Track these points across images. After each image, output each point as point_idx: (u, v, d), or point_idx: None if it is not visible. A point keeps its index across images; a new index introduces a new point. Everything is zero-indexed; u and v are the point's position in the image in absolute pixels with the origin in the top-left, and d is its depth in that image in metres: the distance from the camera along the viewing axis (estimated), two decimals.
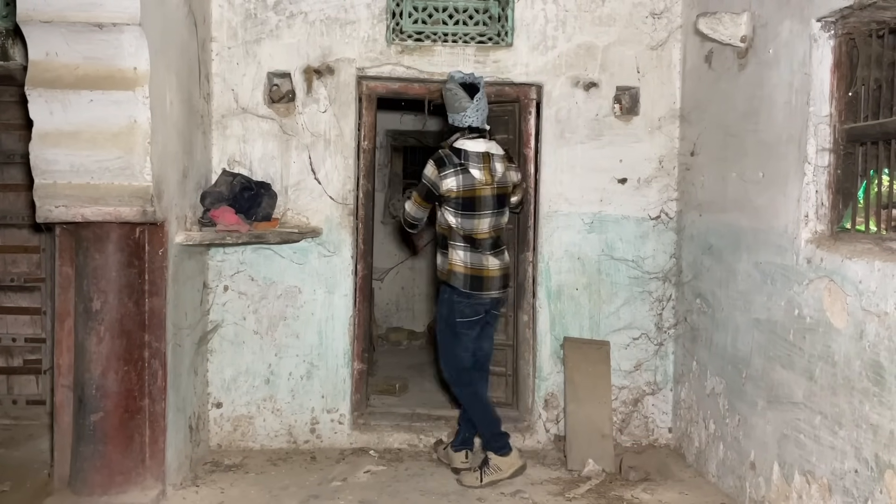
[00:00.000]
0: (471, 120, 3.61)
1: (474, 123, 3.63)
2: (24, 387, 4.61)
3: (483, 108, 3.64)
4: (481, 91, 3.62)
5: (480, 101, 3.61)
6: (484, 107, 3.64)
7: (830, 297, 2.80)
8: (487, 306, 3.76)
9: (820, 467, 2.85)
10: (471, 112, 3.60)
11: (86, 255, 3.25)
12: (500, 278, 3.74)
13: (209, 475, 3.82)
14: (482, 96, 3.62)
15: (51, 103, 3.10)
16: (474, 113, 3.60)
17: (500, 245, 3.77)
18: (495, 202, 3.67)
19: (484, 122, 3.66)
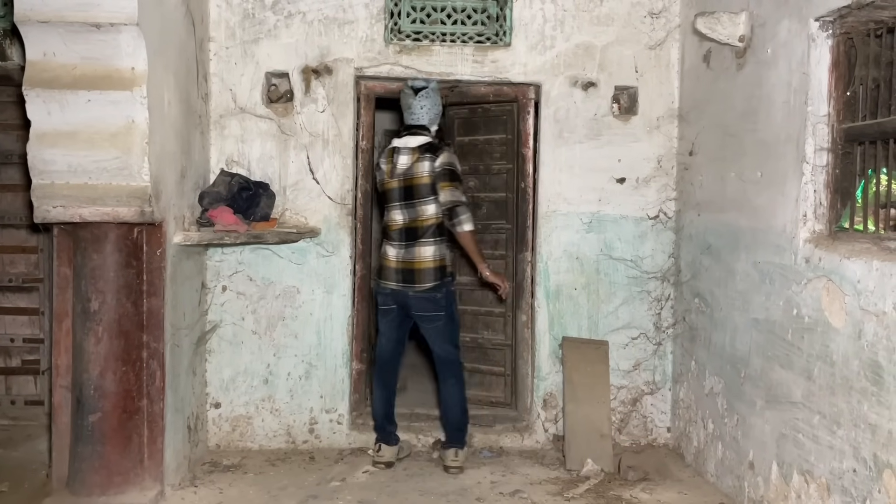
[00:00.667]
0: (409, 119, 3.83)
1: (409, 122, 3.83)
2: (23, 387, 4.61)
3: (426, 108, 3.80)
4: (423, 91, 3.79)
5: (423, 100, 3.78)
6: (428, 107, 3.80)
7: (829, 296, 2.80)
8: (394, 298, 3.86)
9: (818, 467, 2.85)
10: (413, 111, 3.81)
11: (84, 256, 3.24)
12: (400, 271, 3.80)
13: (208, 475, 3.82)
14: (424, 96, 3.79)
15: (48, 103, 3.09)
16: (416, 111, 3.80)
17: (414, 238, 3.79)
18: (401, 194, 3.79)
19: (425, 121, 3.81)
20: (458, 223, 3.70)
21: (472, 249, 3.77)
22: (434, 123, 3.86)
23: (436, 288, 3.78)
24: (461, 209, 3.70)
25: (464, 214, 3.69)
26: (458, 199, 3.71)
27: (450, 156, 3.77)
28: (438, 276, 3.77)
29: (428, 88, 3.82)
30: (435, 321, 3.84)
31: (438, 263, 3.77)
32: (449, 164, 3.74)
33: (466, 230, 3.71)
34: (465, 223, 3.70)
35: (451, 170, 3.74)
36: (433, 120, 3.84)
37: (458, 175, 3.77)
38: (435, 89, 3.85)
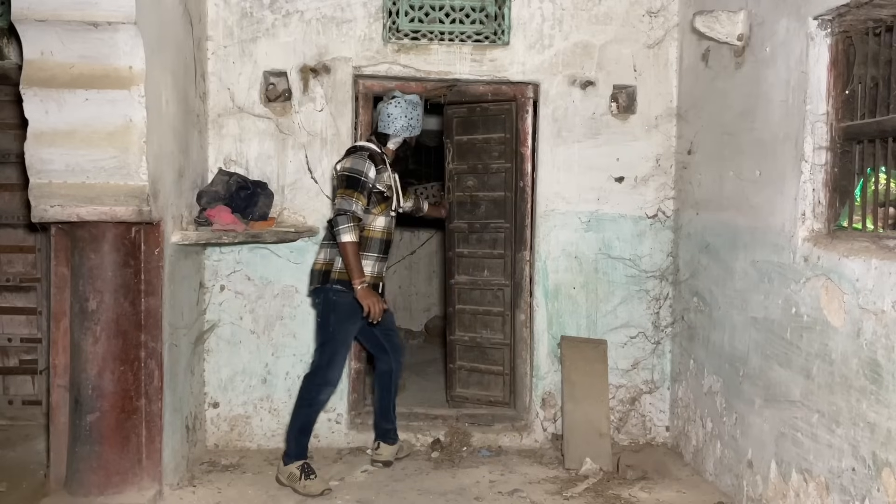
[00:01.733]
0: None
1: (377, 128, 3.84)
2: (20, 387, 4.60)
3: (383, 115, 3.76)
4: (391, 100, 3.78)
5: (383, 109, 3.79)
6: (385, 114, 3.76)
7: (827, 295, 2.80)
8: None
9: (817, 465, 2.85)
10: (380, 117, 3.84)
11: (81, 255, 3.24)
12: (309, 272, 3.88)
13: (206, 475, 3.81)
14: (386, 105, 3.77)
15: (46, 102, 3.09)
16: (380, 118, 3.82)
17: (323, 238, 3.86)
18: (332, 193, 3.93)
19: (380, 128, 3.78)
20: (336, 233, 3.49)
21: (346, 262, 3.51)
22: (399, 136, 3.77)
23: (315, 292, 3.70)
24: (339, 218, 3.48)
25: (340, 225, 3.46)
26: (338, 208, 3.51)
27: (354, 160, 3.59)
28: (321, 279, 3.64)
29: (400, 98, 3.79)
30: (315, 325, 3.84)
31: (324, 267, 3.65)
32: (348, 170, 3.57)
33: (342, 241, 3.48)
34: (341, 234, 3.47)
35: (344, 175, 3.58)
36: (399, 131, 3.75)
37: (355, 181, 3.53)
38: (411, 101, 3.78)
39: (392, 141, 3.76)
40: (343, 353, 3.71)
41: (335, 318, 3.62)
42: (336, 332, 3.64)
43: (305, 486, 3.60)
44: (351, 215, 3.48)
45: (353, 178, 3.55)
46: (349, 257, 3.50)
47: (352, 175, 3.55)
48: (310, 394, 3.67)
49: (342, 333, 3.66)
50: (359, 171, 3.55)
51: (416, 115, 3.77)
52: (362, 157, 3.59)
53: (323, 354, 3.67)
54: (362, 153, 3.62)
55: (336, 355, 3.66)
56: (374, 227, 3.68)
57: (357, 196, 3.52)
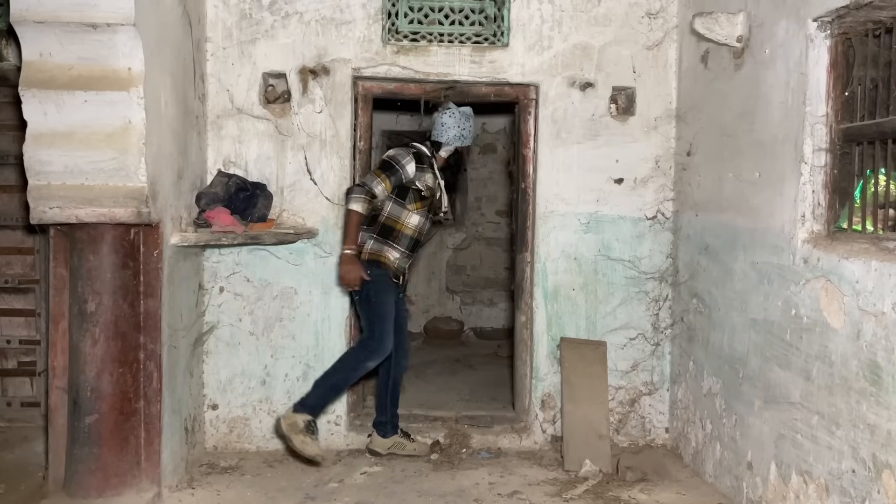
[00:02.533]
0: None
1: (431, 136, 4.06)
2: (19, 389, 4.59)
3: (437, 124, 3.99)
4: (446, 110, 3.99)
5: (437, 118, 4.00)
6: (439, 123, 3.98)
7: (827, 296, 2.80)
8: None
9: (817, 467, 2.85)
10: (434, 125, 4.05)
11: (80, 257, 3.23)
12: None
13: (205, 477, 3.81)
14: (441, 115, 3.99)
15: (45, 104, 3.08)
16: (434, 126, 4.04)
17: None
18: None
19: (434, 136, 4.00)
20: (347, 201, 3.71)
21: (345, 227, 3.77)
22: (451, 145, 3.99)
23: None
24: (355, 189, 3.70)
25: (353, 193, 3.68)
26: (362, 181, 3.80)
27: (398, 150, 3.86)
28: (364, 265, 3.78)
29: (454, 109, 4.00)
30: (359, 304, 3.92)
31: (360, 250, 3.79)
32: (388, 156, 3.84)
33: (348, 207, 3.68)
34: (350, 201, 3.67)
35: (383, 160, 3.83)
36: (451, 141, 3.98)
37: (388, 165, 3.77)
38: (465, 114, 3.99)
39: (444, 149, 3.97)
40: (390, 324, 3.82)
41: (374, 291, 3.77)
42: (378, 304, 3.79)
43: (304, 441, 3.60)
44: (367, 189, 3.66)
45: (388, 163, 3.78)
46: (349, 224, 3.66)
47: (388, 160, 3.79)
48: (358, 357, 3.78)
49: (385, 305, 3.81)
50: (396, 160, 3.77)
51: (469, 126, 3.98)
52: (406, 151, 3.83)
53: (374, 327, 3.79)
54: (409, 148, 3.87)
55: (384, 324, 3.79)
56: (407, 222, 3.85)
57: (383, 178, 3.73)
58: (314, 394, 3.73)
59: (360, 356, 3.79)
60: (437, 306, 7.87)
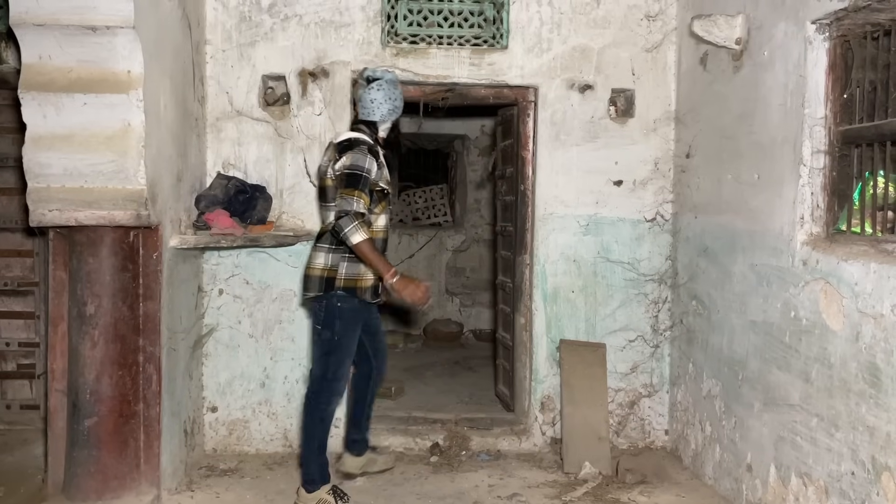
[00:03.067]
0: (360, 112, 3.54)
1: (359, 116, 3.55)
2: (18, 391, 4.60)
3: (377, 103, 3.47)
4: (376, 83, 3.48)
5: (374, 93, 3.46)
6: (380, 101, 3.47)
7: (826, 298, 2.80)
8: None
9: (816, 469, 2.85)
10: (363, 104, 3.50)
11: (80, 259, 3.23)
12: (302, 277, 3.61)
13: (204, 480, 3.80)
14: (377, 88, 3.47)
15: (44, 106, 3.08)
16: (367, 105, 3.49)
17: (318, 242, 3.49)
18: (317, 195, 3.67)
19: (375, 117, 3.49)
20: (345, 237, 3.23)
21: (370, 260, 3.28)
22: (387, 120, 3.52)
23: (317, 299, 3.40)
24: (344, 220, 3.20)
25: (348, 226, 3.19)
26: (343, 209, 3.22)
27: (355, 157, 3.31)
28: (324, 286, 3.37)
29: (382, 80, 3.48)
30: (312, 334, 3.51)
31: (326, 273, 3.37)
32: (349, 168, 3.29)
33: (354, 242, 3.22)
34: (351, 235, 3.20)
35: (349, 174, 3.28)
36: (386, 116, 3.50)
37: (359, 179, 3.27)
38: (391, 81, 3.51)
39: (382, 128, 3.53)
40: (349, 362, 3.51)
41: (341, 325, 3.38)
42: (342, 339, 3.41)
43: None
44: (355, 213, 3.22)
45: (355, 175, 3.28)
46: (369, 255, 3.24)
47: (353, 173, 3.28)
48: (320, 408, 3.43)
49: (348, 340, 3.44)
50: (360, 168, 3.29)
51: (399, 93, 3.54)
52: (363, 153, 3.32)
53: (329, 365, 3.41)
54: (362, 148, 3.35)
55: (343, 365, 3.45)
56: (376, 226, 3.46)
57: (359, 195, 3.26)
58: (310, 467, 3.44)
59: (322, 405, 3.43)
60: (437, 308, 7.87)
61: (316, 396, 3.43)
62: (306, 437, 3.46)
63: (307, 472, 3.44)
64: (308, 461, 3.44)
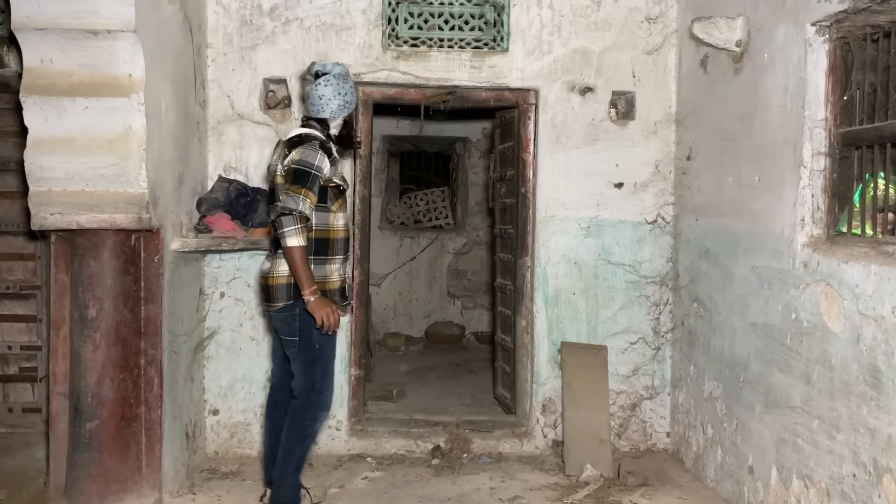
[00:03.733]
0: (308, 109, 3.33)
1: (308, 112, 3.33)
2: (20, 395, 4.60)
3: (326, 98, 3.22)
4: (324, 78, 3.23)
5: (322, 89, 3.22)
6: (329, 96, 3.21)
7: (827, 300, 2.80)
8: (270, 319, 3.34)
9: (818, 472, 2.84)
10: (311, 100, 3.27)
11: (81, 263, 3.24)
12: (260, 287, 3.38)
13: (206, 483, 3.81)
14: (325, 84, 3.21)
15: (46, 110, 3.09)
16: (315, 101, 3.25)
17: (275, 247, 3.19)
18: (269, 195, 3.33)
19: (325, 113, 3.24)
20: (280, 236, 3.00)
21: (297, 269, 3.02)
22: (338, 117, 3.27)
23: (287, 308, 3.13)
24: (286, 219, 2.98)
25: (286, 227, 2.97)
26: (287, 206, 2.99)
27: (305, 152, 3.08)
28: (291, 294, 3.11)
29: (329, 74, 3.23)
30: (290, 347, 3.20)
31: (290, 280, 3.11)
32: (297, 163, 3.06)
33: (288, 245, 2.99)
34: (287, 237, 2.98)
35: (297, 170, 3.05)
36: (336, 113, 3.25)
37: (307, 177, 3.03)
38: (340, 75, 3.25)
39: (333, 124, 3.28)
40: (333, 369, 3.31)
41: (319, 331, 3.13)
42: (323, 346, 3.20)
43: None
44: (298, 216, 2.98)
45: (303, 171, 3.04)
46: (297, 264, 3.00)
47: (302, 168, 3.04)
48: (305, 425, 3.20)
49: (330, 347, 3.24)
50: (310, 165, 3.05)
51: (349, 87, 3.28)
52: (314, 148, 3.09)
53: (314, 376, 3.19)
54: (313, 144, 3.11)
55: (328, 375, 3.25)
56: (336, 226, 3.21)
57: (306, 193, 3.01)
58: (284, 487, 3.21)
59: (308, 421, 3.21)
60: (439, 311, 7.88)
61: (301, 413, 3.19)
62: (288, 454, 3.19)
63: (279, 493, 3.21)
64: (284, 479, 3.21)
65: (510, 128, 4.57)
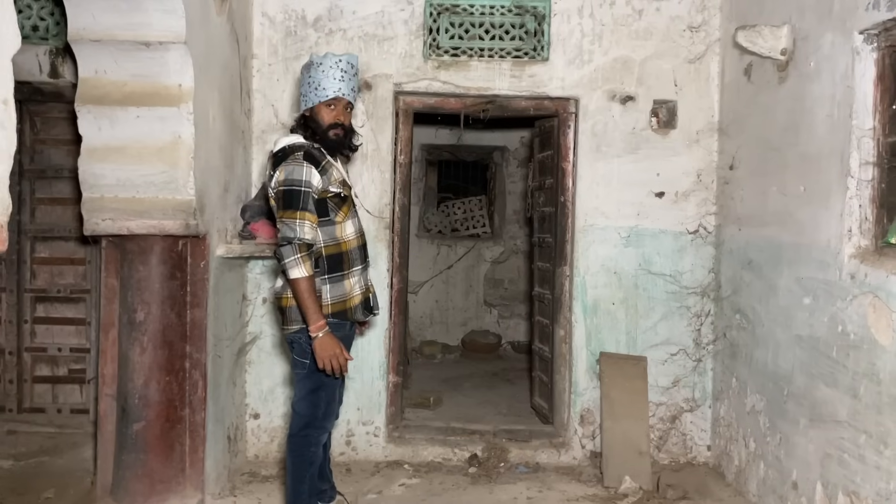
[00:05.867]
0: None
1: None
2: (69, 396, 4.73)
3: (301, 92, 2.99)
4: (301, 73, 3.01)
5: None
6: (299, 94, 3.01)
7: (875, 313, 2.74)
8: None
9: (864, 488, 2.78)
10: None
11: (130, 267, 3.32)
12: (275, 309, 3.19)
13: (246, 485, 3.87)
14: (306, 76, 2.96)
15: (99, 119, 3.19)
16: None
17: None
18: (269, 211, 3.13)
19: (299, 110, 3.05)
20: (283, 267, 2.81)
21: (304, 302, 2.80)
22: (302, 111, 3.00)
23: (304, 331, 2.89)
24: (285, 250, 2.78)
25: (287, 258, 2.78)
26: (283, 236, 2.80)
27: (288, 169, 2.82)
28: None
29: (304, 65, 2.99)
30: (299, 368, 2.99)
31: (323, 307, 2.89)
32: (283, 184, 2.82)
33: (291, 278, 2.79)
34: (290, 268, 2.78)
35: (284, 191, 2.81)
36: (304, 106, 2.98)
37: (298, 197, 2.79)
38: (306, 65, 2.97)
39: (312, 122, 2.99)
40: (335, 396, 3.09)
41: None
42: (326, 380, 2.97)
43: None
44: (298, 244, 2.78)
45: (292, 193, 2.81)
46: (303, 296, 2.78)
47: (290, 189, 2.81)
48: (310, 451, 3.04)
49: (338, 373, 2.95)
50: (297, 182, 2.81)
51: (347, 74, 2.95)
52: (297, 162, 2.83)
53: (319, 403, 3.00)
54: (296, 157, 2.85)
55: (332, 401, 3.06)
56: (346, 236, 2.98)
57: (301, 215, 2.79)
58: None
59: (310, 446, 3.04)
60: (475, 319, 7.88)
61: (304, 439, 3.02)
62: (295, 481, 3.04)
63: None
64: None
65: (549, 137, 4.57)
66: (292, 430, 3.05)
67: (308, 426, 3.01)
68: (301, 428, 3.02)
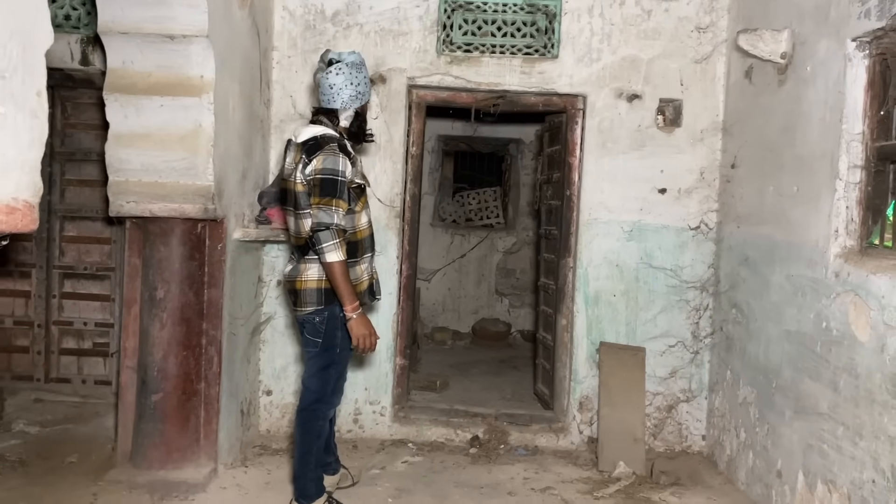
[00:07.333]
0: (319, 99, 3.18)
1: (319, 103, 3.19)
2: (93, 368, 4.95)
3: (337, 88, 3.09)
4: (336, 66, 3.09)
5: (334, 77, 3.08)
6: (339, 86, 3.08)
7: (855, 310, 2.86)
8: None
9: (841, 477, 2.91)
10: (322, 90, 3.13)
11: (152, 248, 3.52)
12: (287, 291, 3.25)
13: (257, 457, 4.07)
14: (337, 72, 3.08)
15: (125, 107, 3.38)
16: (326, 91, 3.11)
17: (302, 253, 3.13)
18: (289, 199, 3.14)
19: (336, 104, 3.11)
20: (319, 252, 2.96)
21: (339, 284, 2.96)
22: (349, 108, 3.12)
23: (318, 312, 3.09)
24: (323, 234, 2.93)
25: (326, 242, 2.92)
26: (321, 222, 2.93)
27: (328, 159, 2.96)
28: (323, 299, 3.08)
29: (342, 62, 3.09)
30: (310, 347, 3.17)
31: (324, 285, 3.06)
32: (322, 172, 2.95)
33: (328, 261, 2.94)
34: (326, 252, 2.93)
35: (324, 179, 2.95)
36: (347, 103, 3.11)
37: (336, 186, 2.95)
38: (353, 63, 3.10)
39: (343, 116, 3.14)
40: (344, 374, 3.31)
41: (343, 336, 3.11)
42: (343, 351, 3.17)
43: None
44: (336, 229, 2.94)
45: (332, 181, 2.96)
46: (339, 280, 2.95)
47: (329, 178, 2.95)
48: (318, 424, 3.22)
49: (348, 352, 3.19)
50: (336, 172, 2.97)
51: (363, 77, 3.14)
52: (334, 153, 2.98)
53: (328, 379, 3.18)
54: (332, 147, 2.99)
55: (340, 378, 3.26)
56: (361, 225, 3.18)
57: (338, 203, 2.96)
58: (306, 484, 3.25)
59: (318, 419, 3.22)
60: (486, 308, 8.04)
61: (312, 413, 3.21)
62: (302, 453, 3.23)
63: (302, 486, 3.26)
64: (303, 476, 3.25)
65: (558, 132, 4.70)
66: (302, 404, 3.24)
67: (318, 401, 3.21)
68: (311, 402, 3.21)
